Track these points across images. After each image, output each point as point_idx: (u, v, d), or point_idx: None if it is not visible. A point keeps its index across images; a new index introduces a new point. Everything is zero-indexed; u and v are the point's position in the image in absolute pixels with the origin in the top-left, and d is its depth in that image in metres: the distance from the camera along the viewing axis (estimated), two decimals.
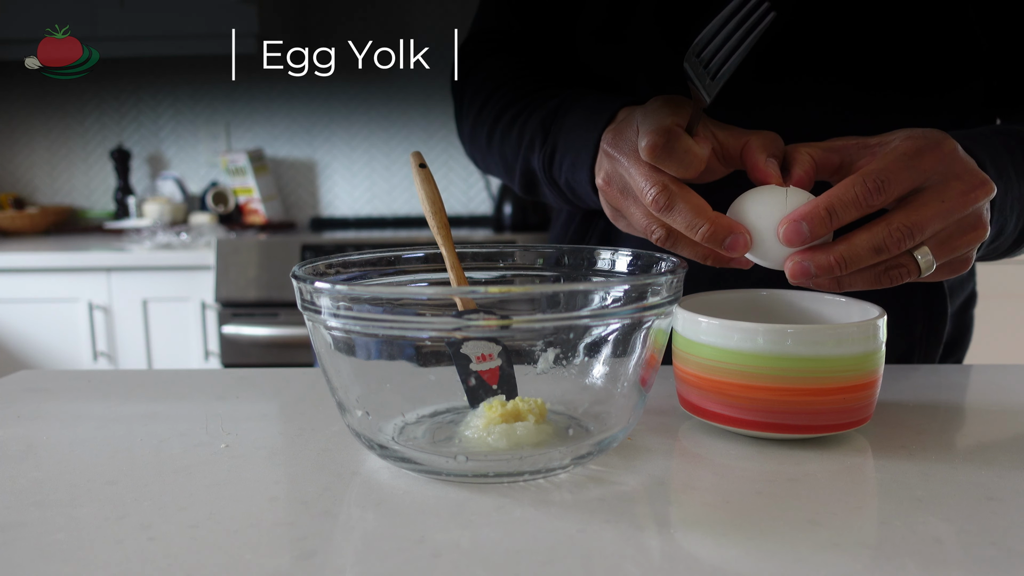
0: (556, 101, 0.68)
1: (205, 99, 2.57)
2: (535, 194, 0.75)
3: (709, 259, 0.52)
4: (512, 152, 0.72)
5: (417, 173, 0.54)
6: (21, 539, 0.37)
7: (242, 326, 1.98)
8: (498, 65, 0.78)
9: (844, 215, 0.47)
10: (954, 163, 0.49)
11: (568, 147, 0.64)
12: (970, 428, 0.54)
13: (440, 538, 0.37)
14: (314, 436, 0.51)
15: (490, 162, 0.79)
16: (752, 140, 0.53)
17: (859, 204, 0.47)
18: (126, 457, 0.48)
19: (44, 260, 2.01)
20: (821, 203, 0.47)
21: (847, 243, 0.48)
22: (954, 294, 0.77)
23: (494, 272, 0.56)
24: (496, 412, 0.45)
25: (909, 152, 0.48)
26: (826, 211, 0.47)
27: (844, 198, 0.47)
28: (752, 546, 0.36)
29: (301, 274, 0.45)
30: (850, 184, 0.47)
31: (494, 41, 0.81)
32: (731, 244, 0.49)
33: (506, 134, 0.73)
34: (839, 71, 0.67)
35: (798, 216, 0.47)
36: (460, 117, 0.82)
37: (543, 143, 0.67)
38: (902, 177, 0.47)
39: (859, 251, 0.47)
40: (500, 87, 0.75)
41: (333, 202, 2.60)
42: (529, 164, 0.70)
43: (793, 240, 0.47)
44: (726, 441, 0.50)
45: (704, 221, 0.49)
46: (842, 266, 0.48)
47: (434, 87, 2.52)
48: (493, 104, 0.75)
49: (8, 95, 2.59)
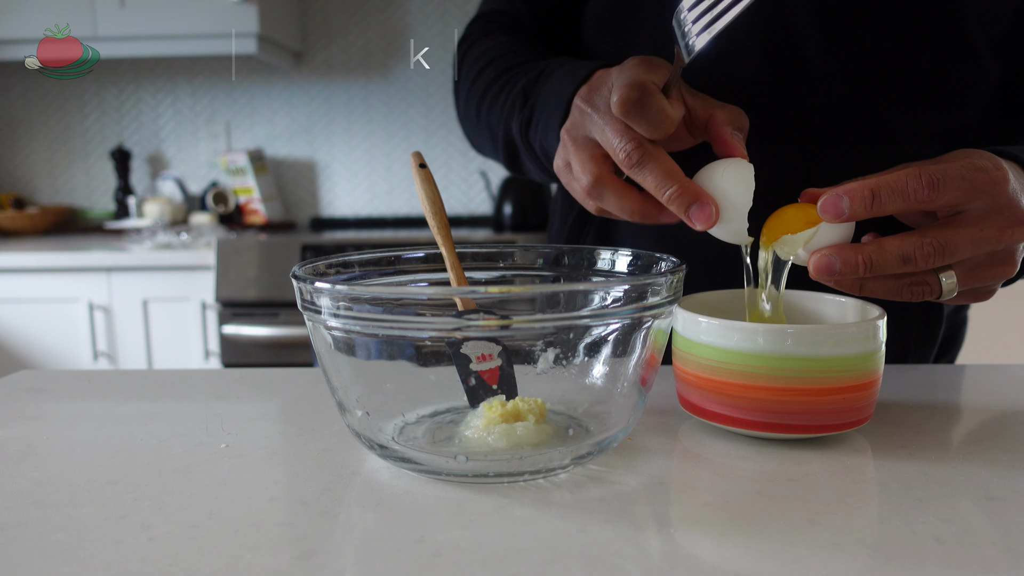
0: (541, 66, 0.68)
1: (205, 99, 2.57)
2: (518, 167, 0.74)
3: (636, 214, 0.52)
4: (496, 121, 0.72)
5: (417, 173, 0.54)
6: (21, 539, 0.37)
7: (242, 326, 1.98)
8: (496, 41, 0.77)
9: (888, 202, 0.46)
10: (1002, 194, 0.48)
11: (543, 109, 0.63)
12: (970, 428, 0.54)
13: (440, 538, 0.37)
14: (314, 436, 0.51)
15: (480, 137, 0.78)
16: (717, 112, 0.53)
17: (907, 196, 0.46)
18: (126, 457, 0.48)
19: (44, 260, 2.01)
20: (868, 183, 0.46)
21: (877, 245, 0.47)
22: None
23: (494, 272, 0.56)
24: (496, 412, 0.45)
25: (969, 166, 0.47)
26: (871, 191, 0.46)
27: (894, 185, 0.46)
28: (752, 546, 0.36)
29: (301, 274, 0.45)
30: (904, 174, 0.46)
31: (498, 22, 0.81)
32: (696, 213, 0.49)
33: (492, 104, 0.72)
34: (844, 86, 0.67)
35: (841, 190, 0.47)
36: (457, 94, 0.82)
37: (522, 108, 0.67)
38: (956, 185, 0.47)
39: (888, 257, 0.47)
40: (495, 59, 0.75)
41: (333, 202, 2.60)
42: (509, 131, 0.70)
43: (830, 210, 0.47)
44: (726, 441, 0.50)
45: (675, 184, 0.49)
46: (868, 267, 0.47)
47: (434, 87, 2.53)
48: (485, 76, 0.74)
49: (8, 95, 2.59)
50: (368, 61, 2.53)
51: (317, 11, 2.51)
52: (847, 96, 0.66)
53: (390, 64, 2.53)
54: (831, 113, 0.66)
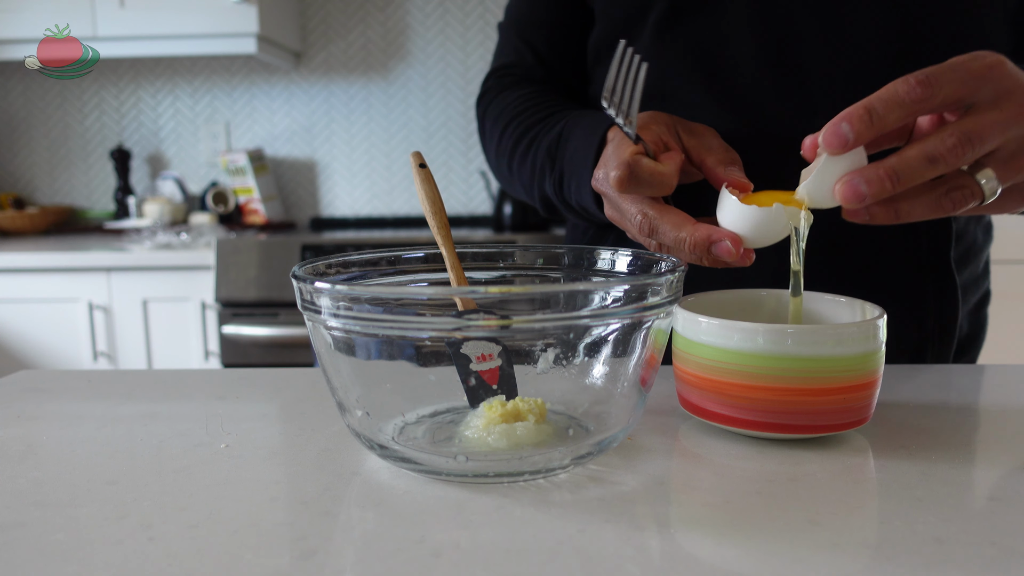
0: (559, 127, 0.71)
1: (205, 99, 2.58)
2: (557, 215, 0.78)
3: (706, 261, 0.52)
4: (528, 180, 0.75)
5: (417, 173, 0.54)
6: (21, 539, 0.37)
7: (242, 326, 1.98)
8: (513, 97, 0.80)
9: (887, 114, 0.44)
10: (1005, 77, 0.46)
11: (572, 173, 0.66)
12: (970, 428, 0.54)
13: (440, 538, 0.37)
14: (314, 436, 0.51)
15: (515, 189, 0.82)
16: (707, 158, 0.56)
17: (902, 103, 0.44)
18: (126, 457, 0.48)
19: (44, 260, 2.01)
20: (860, 103, 0.45)
21: (898, 155, 0.45)
22: (968, 292, 0.76)
23: (494, 272, 0.56)
24: (496, 412, 0.45)
25: (957, 60, 0.46)
26: (865, 109, 0.45)
27: (886, 96, 0.45)
28: (752, 546, 0.36)
29: (301, 274, 0.45)
30: (892, 84, 0.45)
31: (512, 75, 0.84)
32: (718, 251, 0.50)
33: (522, 163, 0.76)
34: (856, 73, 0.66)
35: (837, 118, 0.45)
36: (486, 150, 0.86)
37: (551, 170, 0.70)
38: (949, 77, 0.45)
39: (912, 162, 0.44)
40: (514, 119, 0.78)
41: (333, 202, 2.60)
42: (544, 191, 0.73)
43: (834, 143, 0.45)
44: (726, 441, 0.50)
45: (686, 234, 0.51)
46: (894, 180, 0.44)
47: (434, 87, 2.53)
48: (508, 136, 0.78)
49: (8, 95, 2.59)
50: (368, 61, 2.53)
51: (317, 11, 2.51)
52: (849, 98, 0.66)
53: (390, 64, 2.53)
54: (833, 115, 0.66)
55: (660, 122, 0.58)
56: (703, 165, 0.56)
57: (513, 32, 0.84)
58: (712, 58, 0.69)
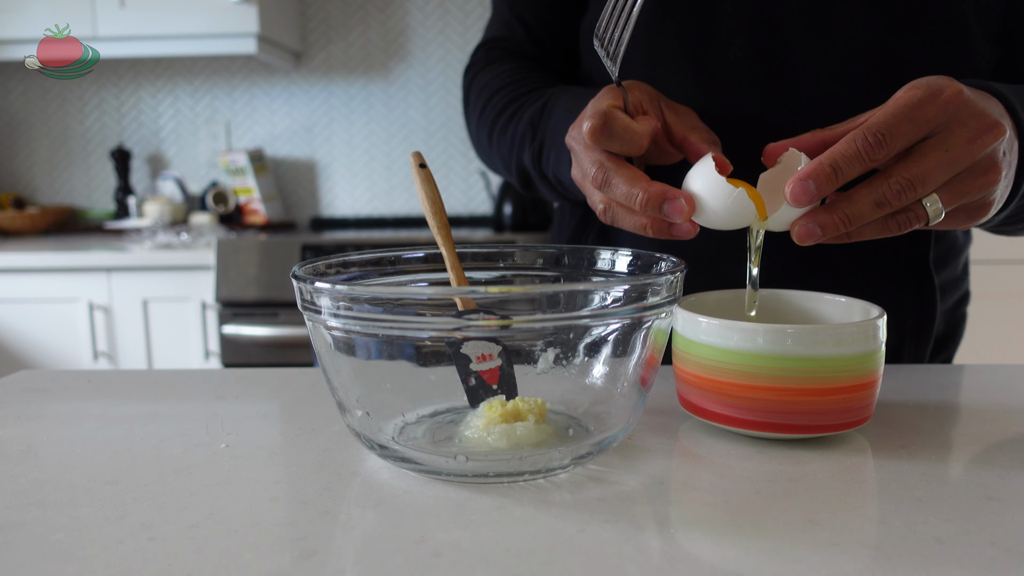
0: (545, 98, 0.71)
1: (205, 99, 2.58)
2: (532, 190, 0.78)
3: (649, 229, 0.52)
4: (507, 150, 0.75)
5: (417, 173, 0.54)
6: (21, 539, 0.37)
7: (242, 326, 1.98)
8: (501, 69, 0.80)
9: (848, 171, 0.47)
10: (959, 110, 0.48)
11: (552, 141, 0.66)
12: (970, 428, 0.54)
13: (440, 538, 0.37)
14: (314, 436, 0.51)
15: (493, 161, 0.82)
16: (690, 135, 0.56)
17: (862, 159, 0.47)
18: (126, 457, 0.48)
19: (44, 260, 2.01)
20: (825, 160, 0.47)
21: (848, 200, 0.48)
22: (946, 292, 0.77)
23: (494, 272, 0.56)
24: (496, 412, 0.45)
25: (910, 103, 0.47)
26: (831, 167, 0.47)
27: (847, 153, 0.47)
28: (752, 546, 0.36)
29: (301, 274, 0.45)
30: (851, 139, 0.47)
31: (501, 49, 0.84)
32: (670, 209, 0.50)
33: (502, 134, 0.76)
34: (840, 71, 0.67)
35: (803, 175, 0.47)
36: (468, 121, 0.86)
37: (532, 139, 0.70)
38: (903, 129, 0.47)
39: (861, 207, 0.48)
40: (500, 90, 0.78)
41: (333, 202, 2.60)
42: (522, 161, 0.73)
43: (801, 199, 0.47)
44: (726, 441, 0.50)
45: (639, 189, 0.51)
46: (847, 224, 0.48)
47: (434, 87, 2.53)
48: (492, 106, 0.78)
49: (8, 95, 2.59)
50: (368, 61, 2.53)
51: (317, 11, 2.51)
52: (838, 95, 0.67)
53: (390, 64, 2.53)
54: (821, 112, 0.67)
55: (644, 91, 0.58)
56: (685, 142, 0.56)
57: (506, 6, 0.84)
58: (701, 49, 0.69)
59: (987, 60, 0.67)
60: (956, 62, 0.66)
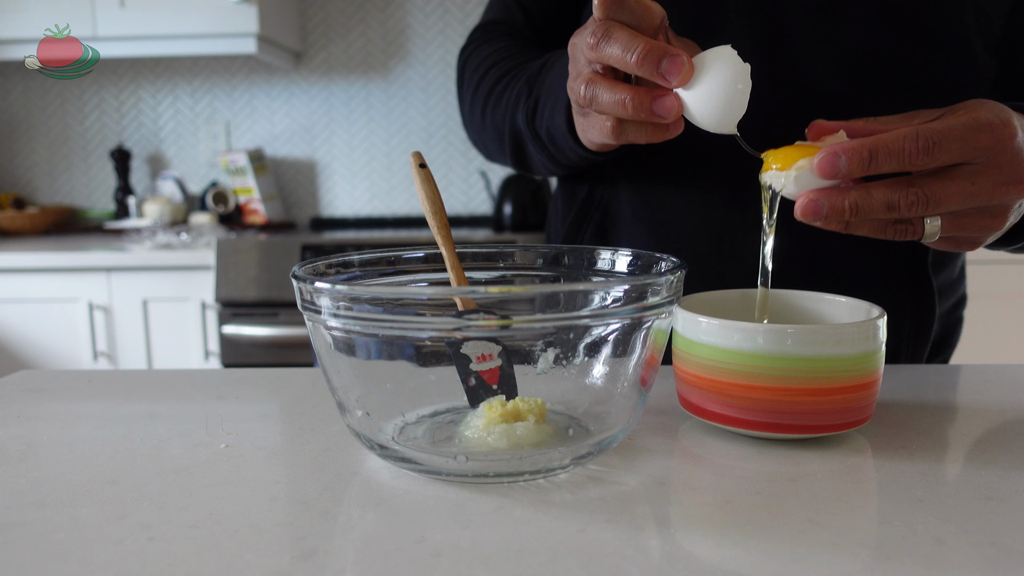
0: (544, 59, 0.69)
1: (205, 99, 2.57)
2: (524, 161, 0.75)
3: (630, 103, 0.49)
4: (501, 117, 0.74)
5: (417, 173, 0.54)
6: (21, 539, 0.37)
7: (242, 326, 1.98)
8: (498, 46, 0.80)
9: (884, 164, 0.46)
10: (1003, 150, 0.48)
11: (548, 95, 0.65)
12: (970, 428, 0.54)
13: (440, 538, 0.37)
14: (314, 436, 0.51)
15: (486, 138, 0.80)
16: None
17: (902, 159, 0.46)
18: (126, 457, 0.48)
19: (44, 260, 2.01)
20: (867, 144, 0.46)
21: (864, 192, 0.47)
22: (944, 295, 0.77)
23: (494, 272, 0.56)
24: (496, 412, 0.45)
25: (971, 124, 0.47)
26: (869, 152, 0.46)
27: (892, 148, 0.46)
28: (752, 546, 0.36)
29: (301, 274, 0.45)
30: (901, 136, 0.46)
31: (498, 31, 0.83)
32: (669, 65, 0.47)
33: (497, 102, 0.74)
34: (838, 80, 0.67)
35: (840, 148, 0.47)
36: (461, 99, 0.84)
37: (527, 98, 0.69)
38: (953, 147, 0.46)
39: (873, 203, 0.47)
40: (496, 64, 0.77)
41: (333, 202, 2.60)
42: (515, 123, 0.71)
43: (827, 170, 0.47)
44: (726, 441, 0.50)
45: (641, 41, 0.47)
46: (854, 212, 0.47)
47: (434, 87, 2.53)
48: (488, 79, 0.76)
49: (8, 95, 2.59)
50: (368, 61, 2.53)
51: (317, 11, 2.51)
52: (841, 94, 0.67)
53: (390, 64, 2.53)
54: (825, 113, 0.67)
55: None
56: None
57: None
58: (705, 42, 0.69)
59: (988, 70, 0.67)
60: (958, 70, 0.66)
